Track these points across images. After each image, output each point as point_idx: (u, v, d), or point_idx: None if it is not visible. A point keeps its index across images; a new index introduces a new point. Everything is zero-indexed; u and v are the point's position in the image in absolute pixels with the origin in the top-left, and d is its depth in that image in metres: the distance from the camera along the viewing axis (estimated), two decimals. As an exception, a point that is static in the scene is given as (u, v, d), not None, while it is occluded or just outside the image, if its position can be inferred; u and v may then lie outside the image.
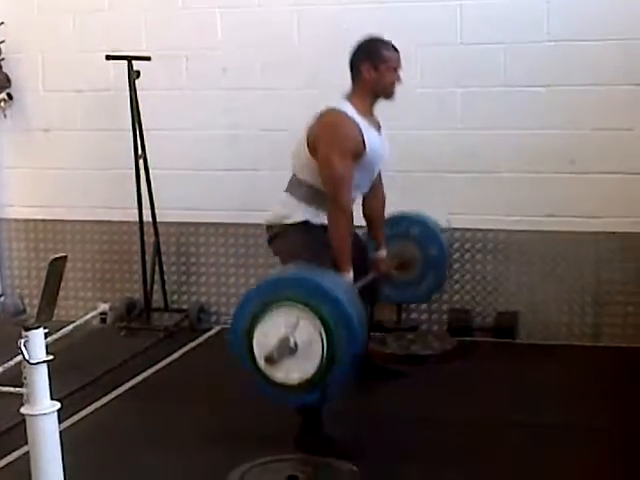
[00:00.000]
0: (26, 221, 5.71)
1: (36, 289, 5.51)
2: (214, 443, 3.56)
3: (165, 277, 5.43)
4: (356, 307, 3.14)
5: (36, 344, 2.38)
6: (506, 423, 3.76)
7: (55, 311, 2.46)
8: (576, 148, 4.87)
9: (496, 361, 4.67)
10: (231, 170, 5.32)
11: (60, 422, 3.48)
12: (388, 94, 3.97)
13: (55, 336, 4.74)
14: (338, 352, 3.01)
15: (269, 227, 4.05)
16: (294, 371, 3.03)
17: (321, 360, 3.00)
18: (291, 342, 3.00)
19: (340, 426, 3.58)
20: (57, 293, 2.46)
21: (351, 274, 3.73)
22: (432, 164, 5.01)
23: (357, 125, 3.80)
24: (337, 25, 5.06)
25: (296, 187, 3.95)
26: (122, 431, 3.77)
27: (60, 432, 3.21)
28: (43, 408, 2.42)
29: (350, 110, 3.83)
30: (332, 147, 3.74)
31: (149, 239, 5.32)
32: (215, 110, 5.32)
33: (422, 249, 4.66)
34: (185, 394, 4.23)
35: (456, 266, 5.11)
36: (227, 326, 5.29)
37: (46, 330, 2.43)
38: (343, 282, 3.44)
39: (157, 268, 5.36)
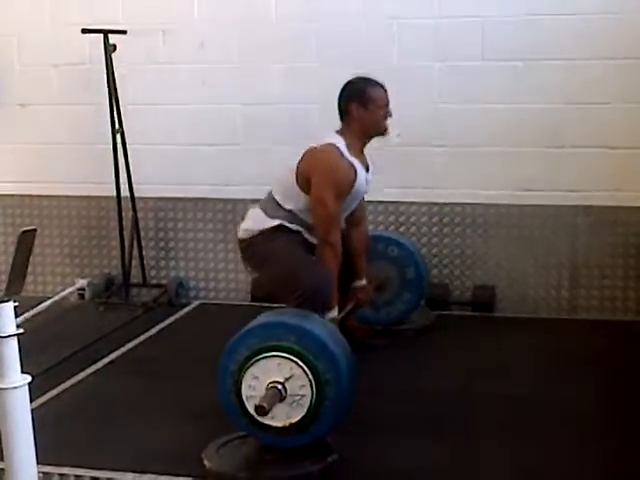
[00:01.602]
0: (2, 197, 5.67)
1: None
2: (193, 417, 3.56)
3: (143, 252, 5.42)
4: (345, 353, 3.16)
5: (5, 317, 2.37)
6: (481, 394, 3.78)
7: (33, 287, 2.45)
8: (554, 122, 4.88)
9: (474, 335, 4.68)
10: (209, 145, 5.31)
11: (38, 397, 3.53)
12: (380, 131, 4.05)
13: (33, 311, 4.76)
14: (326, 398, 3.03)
15: (241, 241, 4.08)
16: (282, 416, 3.03)
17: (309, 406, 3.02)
18: (281, 389, 3.00)
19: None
20: (27, 266, 2.44)
21: (335, 311, 3.86)
22: (409, 138, 5.00)
23: (353, 167, 3.90)
24: (315, 0, 5.05)
25: (273, 208, 3.99)
26: (100, 405, 3.77)
27: (37, 407, 3.23)
28: (13, 382, 2.40)
29: (344, 148, 3.91)
30: (327, 187, 3.84)
31: (127, 214, 5.30)
32: (192, 84, 5.29)
33: (399, 270, 4.62)
34: (164, 369, 4.22)
35: (434, 240, 5.13)
36: (206, 301, 5.38)
37: (16, 304, 2.42)
38: (331, 328, 3.40)
39: (135, 243, 5.35)
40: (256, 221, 4.01)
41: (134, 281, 5.42)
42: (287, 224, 3.95)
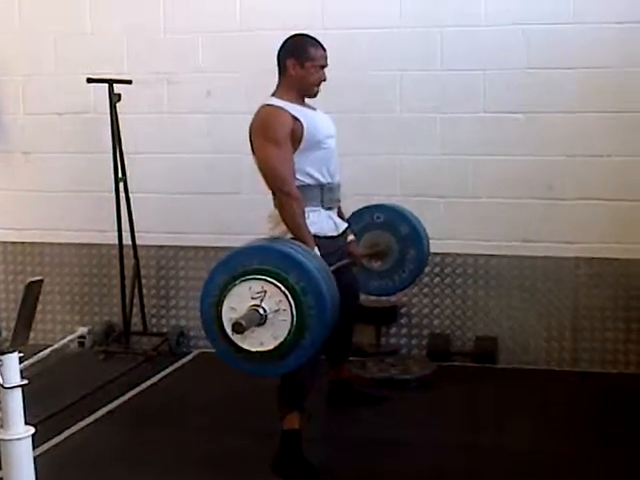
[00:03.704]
0: (4, 243, 5.68)
1: (14, 313, 5.45)
2: (192, 468, 3.54)
3: (144, 301, 5.41)
4: (325, 275, 3.13)
5: (11, 368, 2.36)
6: (482, 448, 3.76)
7: (33, 334, 2.44)
8: (554, 174, 4.91)
9: (475, 386, 4.67)
10: (211, 194, 5.32)
11: (37, 446, 3.50)
12: (311, 92, 3.88)
13: (33, 360, 4.74)
14: (307, 320, 2.99)
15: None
16: (264, 340, 3.00)
17: (290, 328, 2.98)
18: (260, 311, 2.97)
19: (318, 451, 3.58)
20: (33, 317, 2.44)
21: (316, 250, 3.61)
22: (411, 189, 5.03)
23: (287, 111, 3.72)
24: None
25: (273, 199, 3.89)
26: (100, 456, 3.75)
27: (38, 456, 3.20)
28: (17, 433, 2.39)
29: (277, 101, 3.76)
30: (265, 139, 3.67)
31: (129, 262, 5.30)
32: (196, 133, 5.33)
33: (392, 232, 4.45)
34: (164, 418, 4.20)
35: (436, 291, 5.13)
36: (206, 350, 5.36)
37: (21, 354, 2.41)
38: (311, 253, 3.35)
39: (136, 292, 5.35)
40: (271, 219, 3.84)
41: (135, 329, 5.40)
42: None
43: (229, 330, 3.00)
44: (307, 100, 3.91)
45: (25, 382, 2.41)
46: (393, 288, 4.51)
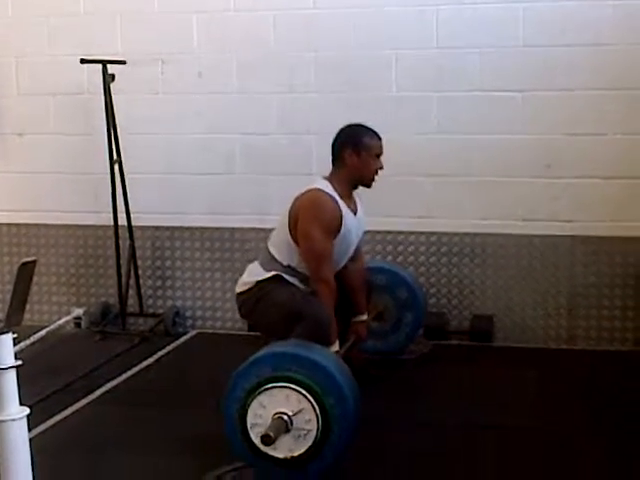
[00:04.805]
0: (0, 225, 5.66)
1: (9, 295, 5.46)
2: (189, 448, 3.53)
3: (140, 281, 5.41)
4: (350, 383, 3.18)
5: (5, 349, 2.35)
6: (479, 425, 3.76)
7: (29, 315, 2.43)
8: (551, 152, 4.90)
9: (472, 364, 4.68)
10: (206, 174, 5.31)
11: (34, 427, 3.50)
12: (368, 182, 4.02)
13: (29, 341, 4.73)
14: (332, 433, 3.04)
15: (239, 295, 4.06)
16: (285, 448, 3.03)
17: (314, 440, 3.02)
18: (287, 420, 3.01)
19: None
20: (26, 297, 2.43)
21: (337, 345, 3.82)
22: (408, 167, 5.01)
23: (338, 204, 3.87)
24: (313, 29, 5.07)
25: (269, 262, 3.97)
26: (96, 436, 3.74)
27: (34, 437, 3.20)
28: (12, 414, 2.38)
29: (330, 190, 3.89)
30: (314, 223, 3.81)
31: (124, 243, 5.30)
32: (190, 114, 5.30)
33: (392, 295, 4.62)
34: (161, 399, 4.20)
35: (432, 270, 5.12)
36: (202, 330, 5.36)
37: (15, 335, 2.40)
38: (334, 357, 3.42)
39: (132, 272, 5.34)
40: (252, 274, 4.00)
41: (131, 310, 5.40)
42: (283, 275, 3.94)
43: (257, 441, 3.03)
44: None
45: (19, 363, 2.40)
46: (387, 349, 4.64)
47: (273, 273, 3.93)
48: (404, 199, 5.03)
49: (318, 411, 3.00)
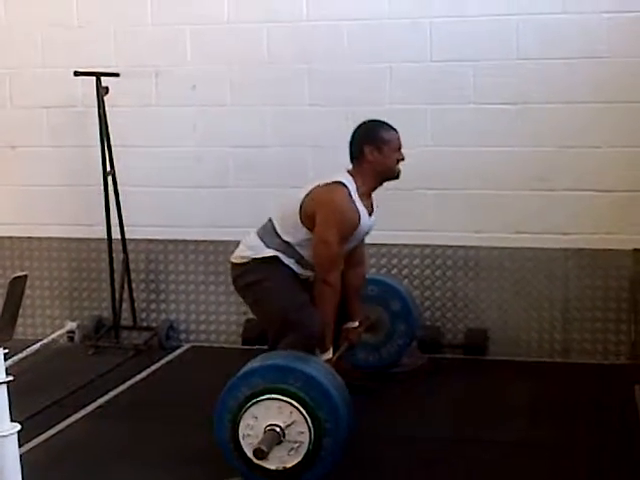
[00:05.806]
0: (-7, 238, 5.64)
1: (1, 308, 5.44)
2: (182, 462, 3.52)
3: (134, 295, 5.39)
4: (343, 396, 3.18)
5: (-5, 364, 2.34)
6: (474, 440, 3.75)
7: (22, 329, 2.42)
8: (545, 165, 4.90)
9: (466, 378, 4.67)
10: (200, 187, 5.30)
11: (26, 442, 3.48)
12: (392, 175, 4.04)
13: (22, 354, 4.70)
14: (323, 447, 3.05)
15: (234, 266, 4.04)
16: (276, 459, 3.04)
17: (306, 454, 3.02)
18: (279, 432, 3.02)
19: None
20: (17, 312, 2.42)
21: (330, 353, 3.82)
22: (402, 181, 4.96)
23: (357, 212, 3.88)
24: (307, 41, 5.08)
25: (270, 237, 3.95)
26: (90, 451, 3.72)
27: (26, 452, 3.19)
28: (3, 430, 2.36)
29: (353, 189, 3.89)
30: (333, 229, 3.80)
31: (118, 256, 5.28)
32: (184, 126, 5.29)
33: (385, 306, 4.61)
34: (154, 413, 4.18)
35: (426, 283, 5.11)
36: (196, 344, 5.34)
37: (6, 350, 2.39)
38: (328, 369, 3.41)
39: (126, 286, 5.32)
40: (251, 248, 3.96)
41: (124, 324, 5.38)
42: (281, 256, 3.91)
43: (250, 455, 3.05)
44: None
45: (10, 379, 2.39)
46: (380, 362, 4.63)
47: (271, 253, 3.90)
48: (398, 212, 5.01)
49: (310, 423, 2.99)
